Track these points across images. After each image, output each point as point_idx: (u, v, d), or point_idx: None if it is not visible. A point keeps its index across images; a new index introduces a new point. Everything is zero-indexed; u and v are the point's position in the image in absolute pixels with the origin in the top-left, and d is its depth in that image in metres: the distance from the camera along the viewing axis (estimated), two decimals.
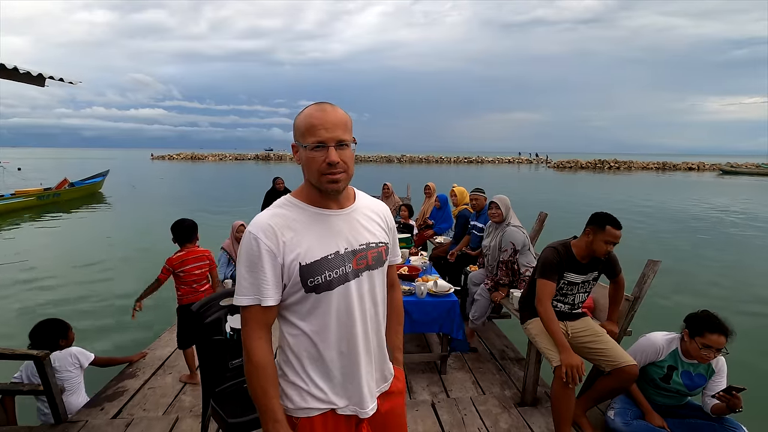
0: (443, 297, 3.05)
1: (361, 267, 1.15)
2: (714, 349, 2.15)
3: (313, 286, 1.09)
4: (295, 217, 1.12)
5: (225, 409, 1.95)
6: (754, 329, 4.97)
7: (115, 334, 4.78)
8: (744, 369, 3.56)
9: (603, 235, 2.32)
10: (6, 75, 1.97)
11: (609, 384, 2.37)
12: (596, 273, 2.50)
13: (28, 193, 14.78)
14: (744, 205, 16.94)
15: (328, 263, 1.10)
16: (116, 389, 2.90)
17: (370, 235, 1.19)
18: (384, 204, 1.31)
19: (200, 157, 70.84)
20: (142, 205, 16.26)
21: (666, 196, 20.40)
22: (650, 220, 12.77)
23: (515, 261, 3.38)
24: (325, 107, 1.08)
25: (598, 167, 52.61)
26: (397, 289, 1.42)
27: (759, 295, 6.42)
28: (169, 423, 2.51)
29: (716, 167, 51.99)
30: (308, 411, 1.15)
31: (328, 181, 1.07)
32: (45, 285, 6.53)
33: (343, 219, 1.15)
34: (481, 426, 2.52)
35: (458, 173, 38.20)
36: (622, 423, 2.33)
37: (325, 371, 1.15)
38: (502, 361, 3.40)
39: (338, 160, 1.06)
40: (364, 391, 1.17)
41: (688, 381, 2.30)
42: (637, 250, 7.95)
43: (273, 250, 1.07)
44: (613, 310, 2.65)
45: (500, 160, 70.77)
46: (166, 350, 3.46)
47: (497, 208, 3.48)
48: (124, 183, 24.83)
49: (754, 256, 8.92)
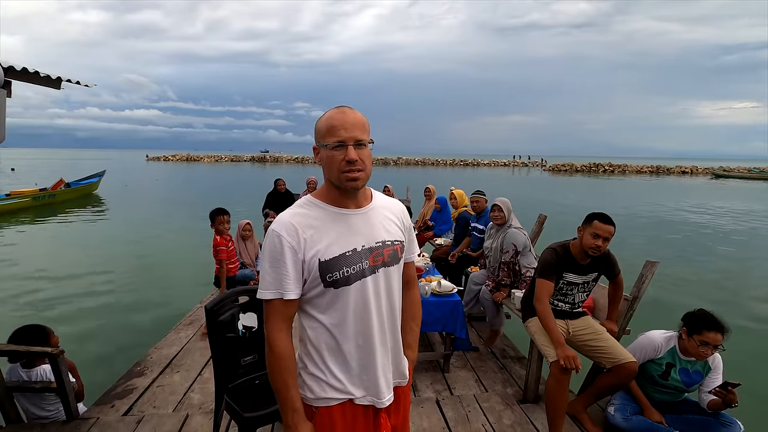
0: (447, 297, 3.12)
1: (378, 264, 1.20)
2: (711, 346, 2.23)
3: (332, 282, 1.15)
4: (316, 215, 1.17)
5: (239, 404, 2.00)
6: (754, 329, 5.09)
7: (115, 335, 4.80)
8: (740, 366, 3.67)
9: (590, 228, 2.39)
10: (26, 78, 2.03)
11: (609, 381, 2.45)
12: (596, 274, 2.58)
13: (23, 193, 14.68)
14: (743, 208, 17.23)
15: (346, 260, 1.15)
16: (125, 387, 2.94)
17: (387, 233, 1.24)
18: (400, 203, 1.36)
19: (196, 158, 70.60)
20: (141, 206, 16.21)
21: (665, 199, 20.63)
22: (653, 223, 12.96)
23: (516, 262, 3.46)
24: (345, 110, 1.15)
25: (593, 170, 53.04)
26: (414, 287, 1.46)
27: (758, 296, 6.55)
28: (179, 420, 2.55)
29: (709, 171, 52.58)
30: (328, 401, 1.20)
31: (348, 179, 1.13)
32: (38, 287, 6.52)
33: (360, 218, 1.21)
34: (485, 422, 2.59)
35: (454, 176, 38.39)
36: (621, 419, 2.40)
37: (343, 363, 1.20)
38: (504, 360, 3.48)
39: (357, 158, 1.12)
40: (380, 382, 1.22)
41: (686, 378, 2.38)
42: (640, 251, 8.09)
43: (294, 247, 1.13)
44: (612, 310, 2.73)
45: (496, 163, 71.14)
46: (173, 349, 3.49)
47: (500, 210, 3.56)
48: (121, 184, 24.73)
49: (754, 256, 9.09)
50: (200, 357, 3.37)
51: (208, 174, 38.21)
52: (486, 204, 4.34)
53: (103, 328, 4.99)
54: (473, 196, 4.40)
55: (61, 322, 5.07)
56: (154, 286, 6.58)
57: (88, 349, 4.36)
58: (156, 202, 17.75)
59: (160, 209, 15.20)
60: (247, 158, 75.42)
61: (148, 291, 6.37)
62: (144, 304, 5.81)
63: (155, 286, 6.58)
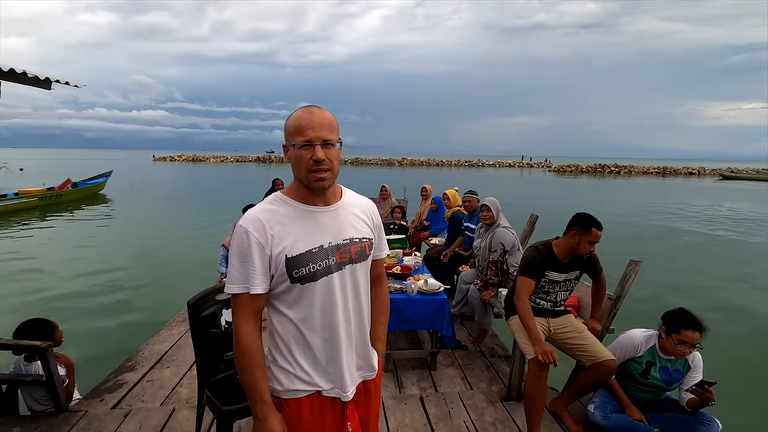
0: (433, 295, 3.14)
1: (345, 260, 1.23)
2: (689, 345, 2.24)
3: (298, 277, 1.17)
4: (284, 212, 1.20)
5: (219, 397, 2.05)
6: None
7: (114, 333, 4.87)
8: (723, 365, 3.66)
9: (589, 236, 2.41)
10: (14, 78, 2.08)
11: (589, 378, 2.47)
12: (578, 272, 2.59)
13: (31, 193, 14.90)
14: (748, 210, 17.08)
15: (312, 256, 1.18)
16: (116, 381, 3.00)
17: (354, 230, 1.27)
18: (371, 202, 1.39)
19: (202, 158, 71.17)
20: (145, 205, 16.39)
21: (664, 201, 20.46)
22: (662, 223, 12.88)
23: (504, 261, 3.48)
24: (313, 110, 1.17)
25: (598, 171, 52.68)
26: (383, 283, 1.49)
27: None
28: (166, 413, 2.60)
29: (716, 172, 52.02)
30: (296, 392, 1.24)
31: (315, 178, 1.16)
32: (41, 284, 6.63)
33: (328, 215, 1.24)
34: (466, 419, 2.61)
35: (459, 176, 38.31)
36: (601, 416, 2.41)
37: (310, 356, 1.24)
38: (492, 359, 3.49)
39: (324, 157, 1.14)
40: (345, 375, 1.26)
41: (666, 376, 2.38)
42: (640, 253, 8.02)
43: (261, 242, 1.15)
44: (595, 309, 2.74)
45: (501, 164, 70.90)
46: (164, 345, 3.55)
47: (488, 210, 3.59)
48: (128, 184, 25.01)
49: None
50: (191, 353, 3.41)
51: (213, 174, 38.49)
52: (478, 204, 4.35)
53: (101, 327, 5.06)
54: (465, 195, 4.42)
55: (61, 319, 5.15)
56: (155, 285, 6.66)
57: (85, 346, 4.43)
58: (160, 201, 17.95)
59: (164, 208, 15.39)
60: (252, 158, 75.79)
61: (148, 289, 6.45)
62: (143, 302, 5.89)
63: (156, 285, 6.66)
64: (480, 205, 3.72)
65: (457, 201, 5.17)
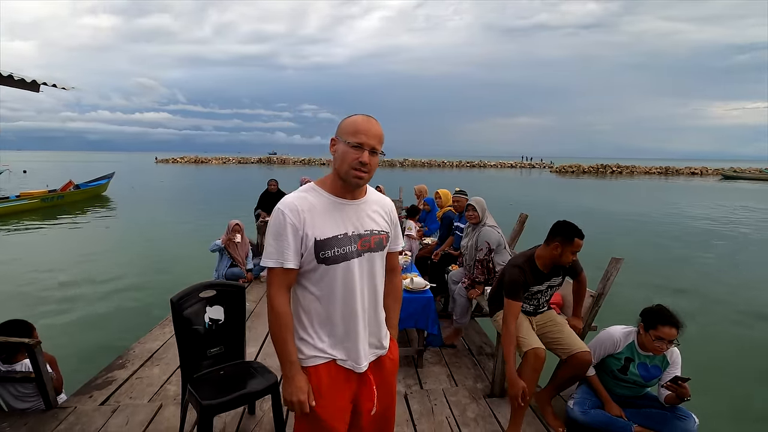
0: (419, 293, 3.18)
1: (365, 248, 1.40)
2: (666, 341, 2.27)
3: (324, 258, 1.34)
4: (316, 201, 1.37)
5: (200, 392, 2.09)
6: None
7: (113, 331, 4.93)
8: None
9: (572, 247, 2.40)
10: (2, 81, 2.13)
11: (566, 372, 2.50)
12: (560, 278, 2.61)
13: (32, 195, 15.01)
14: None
15: (337, 241, 1.35)
16: (105, 378, 3.05)
17: (374, 223, 1.44)
18: (390, 201, 1.56)
19: (204, 160, 71.47)
20: (146, 207, 16.48)
21: (662, 202, 20.39)
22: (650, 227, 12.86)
23: (491, 260, 3.51)
24: (371, 120, 1.35)
25: (600, 172, 52.57)
26: (397, 275, 1.65)
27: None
28: (153, 410, 2.65)
29: (719, 172, 51.80)
30: (315, 360, 1.40)
31: (355, 176, 1.32)
32: (41, 284, 6.70)
33: (353, 208, 1.41)
34: (449, 415, 2.64)
35: (460, 177, 38.33)
36: (580, 412, 2.44)
37: (330, 329, 1.40)
38: (479, 357, 3.52)
39: (368, 161, 1.31)
40: (360, 349, 1.41)
41: (644, 372, 2.41)
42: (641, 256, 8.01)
43: (296, 224, 1.32)
44: (577, 307, 2.77)
45: (503, 165, 70.85)
46: (155, 343, 3.60)
47: (474, 210, 3.62)
48: (129, 186, 25.14)
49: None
50: None
51: (215, 175, 38.63)
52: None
53: (99, 326, 5.12)
54: (455, 195, 4.45)
55: (60, 319, 5.23)
56: (153, 285, 6.72)
57: (79, 345, 4.48)
58: (160, 203, 18.06)
59: (164, 209, 15.47)
60: (254, 160, 76.08)
61: (145, 289, 6.51)
62: (141, 302, 5.94)
63: (154, 285, 6.71)
64: (466, 204, 3.75)
65: (449, 200, 5.20)
